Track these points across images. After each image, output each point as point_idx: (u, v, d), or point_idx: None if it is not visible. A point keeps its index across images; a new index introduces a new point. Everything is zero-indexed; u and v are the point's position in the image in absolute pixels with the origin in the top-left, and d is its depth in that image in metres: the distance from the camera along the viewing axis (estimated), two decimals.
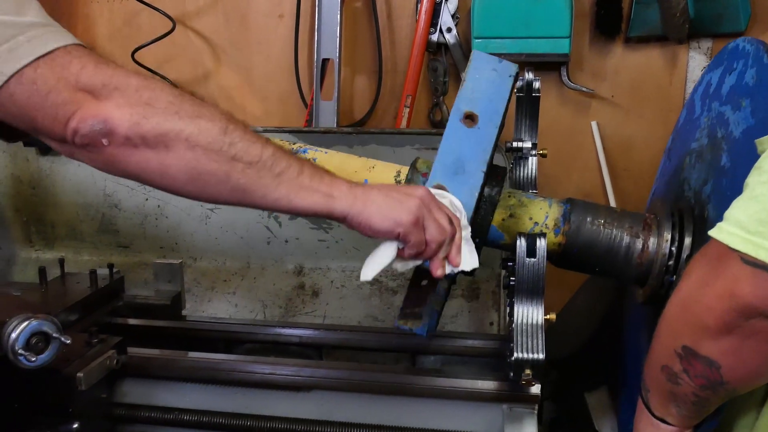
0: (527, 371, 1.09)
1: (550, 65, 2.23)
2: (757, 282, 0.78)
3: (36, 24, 0.84)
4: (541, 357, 1.09)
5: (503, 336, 1.53)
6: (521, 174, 1.41)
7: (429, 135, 1.93)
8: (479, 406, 1.21)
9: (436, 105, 2.37)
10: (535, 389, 1.17)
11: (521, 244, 1.12)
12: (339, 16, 2.24)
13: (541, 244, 1.12)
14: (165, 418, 1.23)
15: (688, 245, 1.20)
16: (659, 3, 2.11)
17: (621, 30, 2.22)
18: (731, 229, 0.81)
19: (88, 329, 1.20)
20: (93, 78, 0.85)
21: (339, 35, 2.26)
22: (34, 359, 1.00)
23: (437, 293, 1.10)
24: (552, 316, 1.13)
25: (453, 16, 2.25)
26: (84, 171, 2.06)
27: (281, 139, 1.33)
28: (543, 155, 1.41)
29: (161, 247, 2.10)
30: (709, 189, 1.21)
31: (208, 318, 1.76)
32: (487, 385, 1.20)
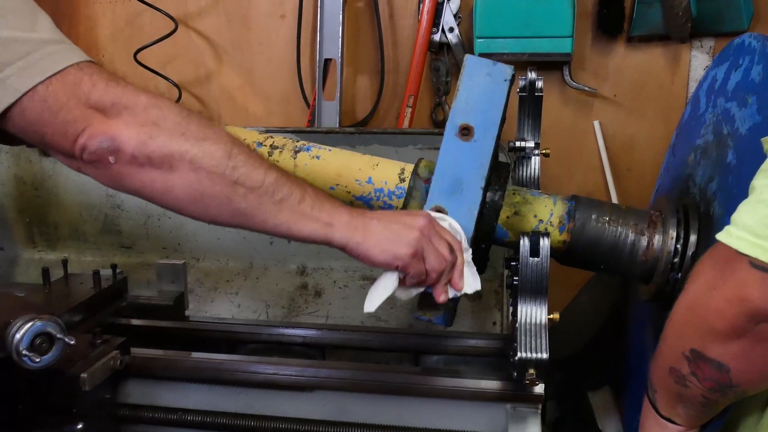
0: (531, 371, 1.09)
1: (552, 65, 2.23)
2: (767, 286, 0.78)
3: (49, 41, 0.86)
4: (545, 356, 1.09)
5: (506, 335, 1.53)
6: (524, 174, 1.41)
7: (431, 135, 1.93)
8: (482, 405, 1.20)
9: (438, 105, 2.37)
10: (539, 389, 1.17)
11: (524, 243, 1.12)
12: (341, 16, 2.25)
13: (545, 243, 1.11)
14: (169, 418, 1.23)
15: (693, 242, 1.19)
16: (661, 2, 2.11)
17: (623, 29, 2.22)
18: (740, 233, 0.81)
19: (91, 330, 1.21)
20: (103, 96, 0.87)
21: (341, 35, 2.26)
22: (38, 360, 1.00)
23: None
24: (555, 315, 1.13)
25: (455, 15, 2.25)
26: None
27: (284, 137, 1.33)
28: (546, 155, 1.41)
29: (164, 248, 2.10)
30: (715, 186, 1.21)
31: (211, 318, 1.75)
32: (491, 385, 1.20)
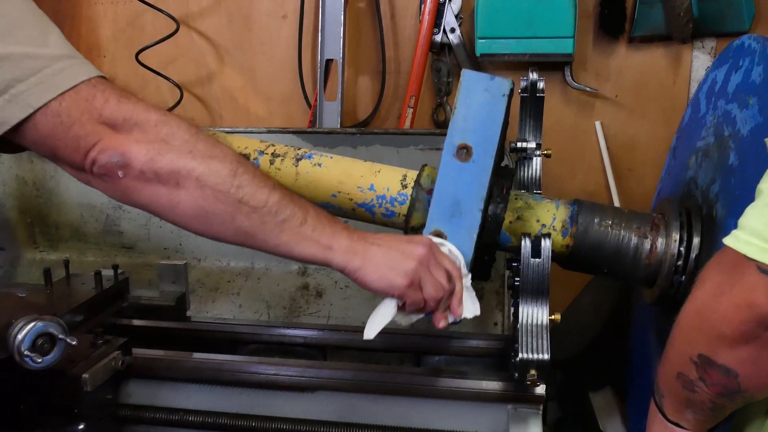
0: (532, 371, 1.09)
1: (553, 65, 2.23)
2: None
3: (61, 56, 0.87)
4: (546, 357, 1.09)
5: (508, 336, 1.53)
6: (525, 174, 1.41)
7: (433, 135, 1.93)
8: (484, 406, 1.20)
9: (439, 105, 2.37)
10: (540, 389, 1.17)
11: (526, 244, 1.12)
12: (342, 16, 2.25)
13: (546, 244, 1.11)
14: (170, 418, 1.23)
15: (696, 245, 1.19)
16: (663, 3, 2.11)
17: (625, 30, 2.22)
18: (747, 238, 0.80)
19: (93, 330, 1.21)
20: (115, 113, 0.88)
21: (342, 36, 2.26)
22: (40, 360, 1.00)
23: None
24: (557, 316, 1.13)
25: (456, 16, 2.25)
26: None
27: (286, 144, 1.33)
28: (547, 155, 1.41)
29: (165, 248, 2.11)
30: (717, 188, 1.21)
31: (212, 319, 1.75)
32: (492, 386, 1.20)
